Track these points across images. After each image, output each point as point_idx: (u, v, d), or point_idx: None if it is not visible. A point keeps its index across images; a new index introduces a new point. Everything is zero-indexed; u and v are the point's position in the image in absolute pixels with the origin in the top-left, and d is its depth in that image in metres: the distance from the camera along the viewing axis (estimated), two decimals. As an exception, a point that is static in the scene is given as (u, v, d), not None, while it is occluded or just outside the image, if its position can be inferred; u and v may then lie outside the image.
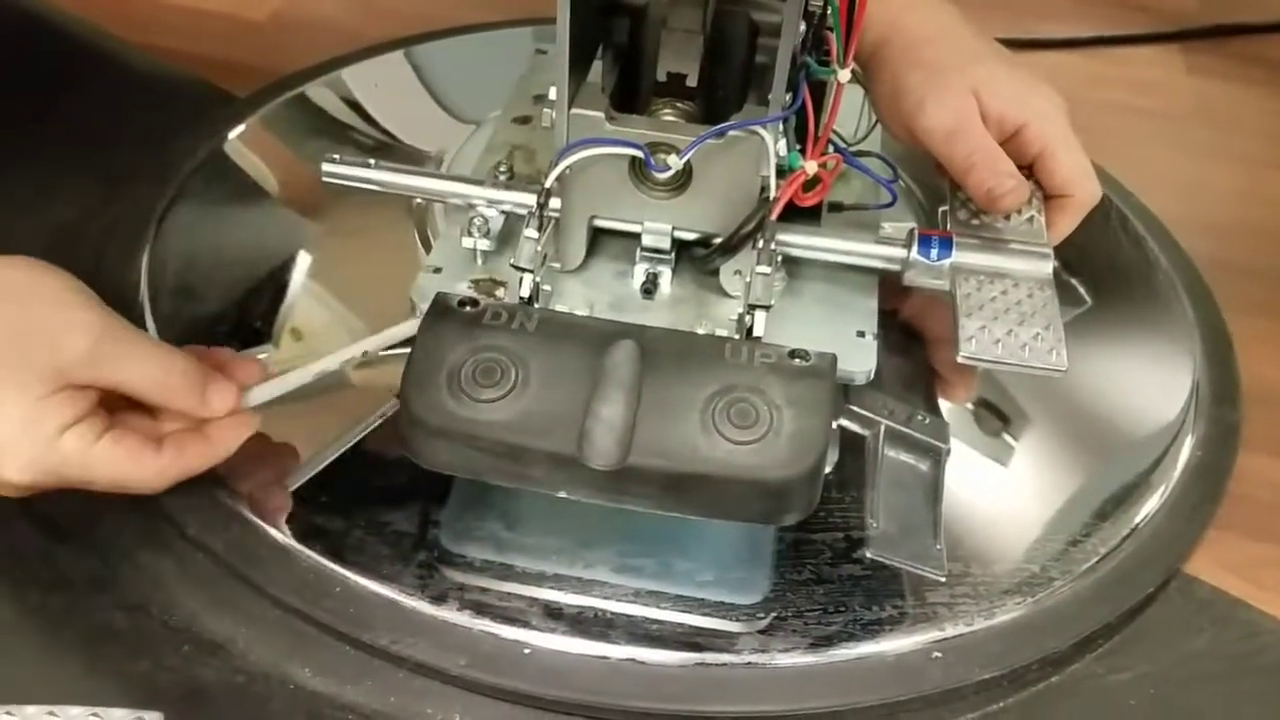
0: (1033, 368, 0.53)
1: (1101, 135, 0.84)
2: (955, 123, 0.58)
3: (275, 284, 0.66)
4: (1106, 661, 0.53)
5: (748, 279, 0.54)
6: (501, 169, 0.62)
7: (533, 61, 0.74)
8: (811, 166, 0.54)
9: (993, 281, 0.56)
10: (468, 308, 0.51)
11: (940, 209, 0.62)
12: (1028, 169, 0.60)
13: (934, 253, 0.57)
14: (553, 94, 0.55)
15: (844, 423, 0.59)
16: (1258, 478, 0.62)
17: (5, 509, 0.55)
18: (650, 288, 0.58)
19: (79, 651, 0.50)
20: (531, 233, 0.54)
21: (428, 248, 0.67)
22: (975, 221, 0.59)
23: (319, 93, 0.80)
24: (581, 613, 0.51)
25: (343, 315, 0.66)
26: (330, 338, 0.64)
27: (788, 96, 0.53)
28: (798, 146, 0.55)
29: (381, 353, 0.62)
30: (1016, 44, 0.93)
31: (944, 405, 0.61)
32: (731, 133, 0.53)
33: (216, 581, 0.52)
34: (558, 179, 0.54)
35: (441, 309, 0.51)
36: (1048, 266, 0.57)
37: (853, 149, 0.64)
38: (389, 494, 0.55)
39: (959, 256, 0.57)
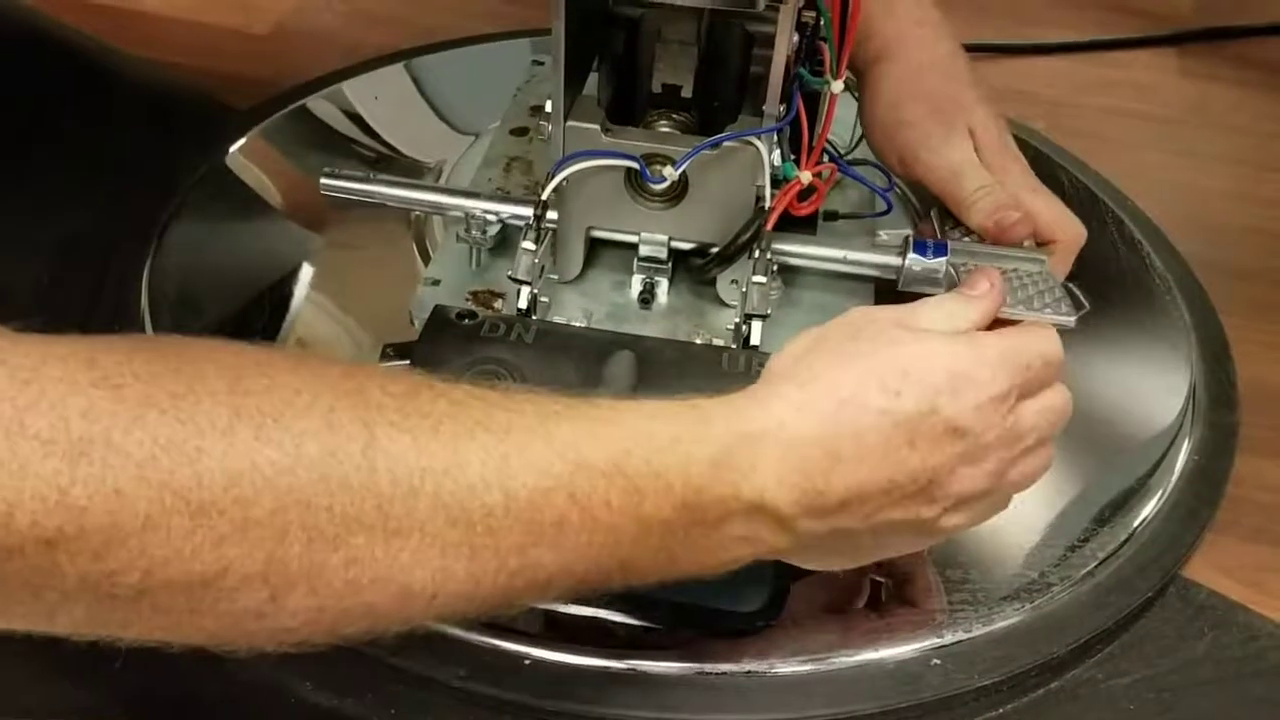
0: (1042, 317, 0.52)
1: (1096, 139, 0.84)
2: (959, 163, 0.59)
3: (276, 296, 0.67)
4: (1105, 667, 0.53)
5: (744, 288, 0.55)
6: (499, 181, 0.63)
7: (530, 73, 0.75)
8: (806, 176, 0.55)
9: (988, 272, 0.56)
10: (466, 320, 0.51)
11: (932, 209, 0.63)
12: None
13: (929, 253, 0.57)
14: (549, 106, 0.55)
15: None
16: (1256, 481, 0.62)
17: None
18: (647, 298, 0.58)
19: (76, 663, 0.50)
20: (529, 244, 0.55)
21: (426, 260, 0.67)
22: (968, 238, 0.59)
23: (320, 105, 0.81)
24: (580, 623, 0.51)
25: (344, 326, 0.66)
26: (332, 350, 0.64)
27: (782, 107, 0.53)
28: (792, 156, 0.56)
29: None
30: (1012, 49, 0.94)
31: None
32: (726, 143, 0.53)
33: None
34: (555, 191, 0.55)
35: (440, 321, 0.51)
36: (1040, 269, 0.57)
37: (847, 158, 0.64)
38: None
39: (955, 260, 0.57)
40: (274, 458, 0.36)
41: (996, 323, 0.49)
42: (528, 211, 0.56)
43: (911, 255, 0.57)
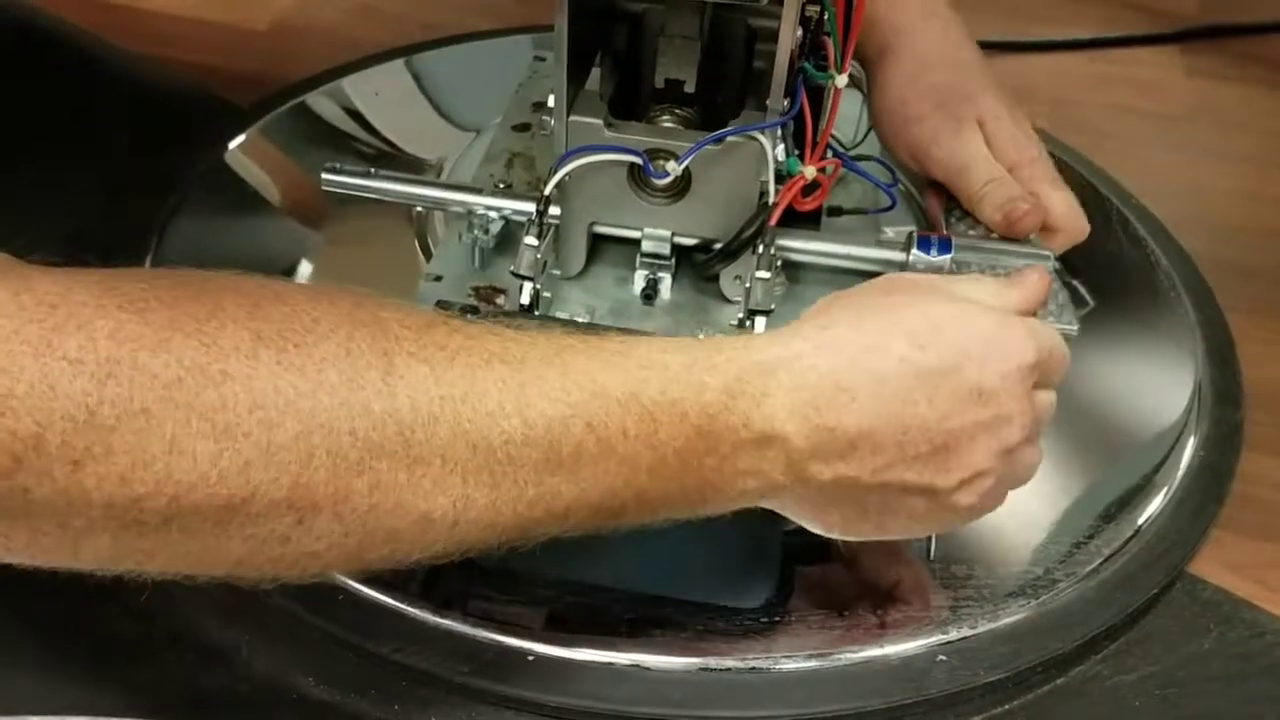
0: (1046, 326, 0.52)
1: (1102, 136, 0.84)
2: (968, 158, 0.59)
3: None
4: (1112, 663, 0.53)
5: (748, 284, 0.55)
6: (501, 176, 0.62)
7: (532, 69, 0.74)
8: (810, 171, 0.54)
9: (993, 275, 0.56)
10: (468, 315, 0.51)
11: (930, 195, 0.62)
12: None
13: (934, 251, 0.57)
14: (551, 101, 0.55)
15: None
16: (1261, 478, 0.62)
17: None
18: (650, 294, 0.58)
19: (82, 660, 0.50)
20: (531, 240, 0.54)
21: (428, 256, 0.67)
22: (973, 233, 0.59)
23: (320, 102, 0.81)
24: (584, 619, 0.51)
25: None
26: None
27: (785, 102, 0.53)
28: (796, 151, 0.55)
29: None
30: (1016, 46, 0.94)
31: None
32: (730, 138, 0.53)
33: (220, 590, 0.52)
34: (557, 186, 0.55)
35: (442, 317, 0.51)
36: (1048, 266, 0.57)
37: (851, 153, 0.64)
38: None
39: (959, 255, 0.57)
40: (296, 382, 0.37)
41: None
42: (530, 207, 0.56)
43: (915, 251, 0.57)
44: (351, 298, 0.41)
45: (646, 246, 0.57)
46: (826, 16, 0.54)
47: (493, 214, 0.59)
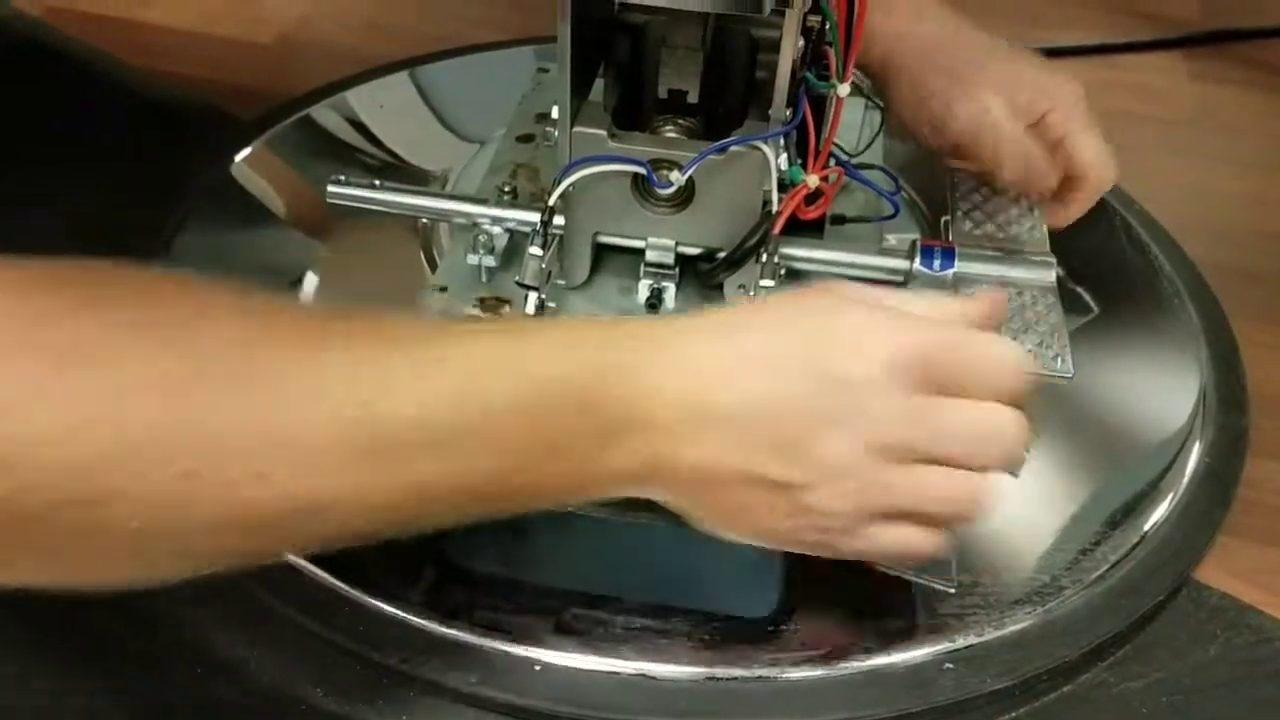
0: (1038, 374, 0.53)
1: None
2: (983, 122, 0.59)
3: (283, 305, 0.66)
4: (1118, 670, 0.53)
5: (752, 293, 0.55)
6: (505, 187, 0.63)
7: (535, 80, 0.75)
8: (813, 180, 0.55)
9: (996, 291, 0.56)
10: (473, 326, 0.51)
11: (943, 219, 0.63)
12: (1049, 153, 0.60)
13: (937, 263, 0.57)
14: (555, 113, 0.55)
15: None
16: (1266, 483, 0.62)
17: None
18: (655, 303, 0.58)
19: (89, 671, 0.50)
20: (536, 250, 0.55)
21: (433, 267, 0.67)
22: (978, 231, 0.59)
23: (324, 114, 0.81)
24: (591, 628, 0.51)
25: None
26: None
27: (788, 111, 0.53)
28: (799, 160, 0.56)
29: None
30: (1019, 52, 0.94)
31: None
32: (733, 148, 0.53)
33: (228, 601, 0.53)
34: (561, 196, 0.55)
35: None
36: (1051, 274, 0.57)
37: (854, 161, 0.64)
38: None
39: (962, 267, 0.57)
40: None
41: None
42: (535, 217, 0.56)
43: (919, 260, 0.57)
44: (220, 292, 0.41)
45: (650, 256, 0.58)
46: (828, 26, 0.54)
47: (497, 229, 0.59)
